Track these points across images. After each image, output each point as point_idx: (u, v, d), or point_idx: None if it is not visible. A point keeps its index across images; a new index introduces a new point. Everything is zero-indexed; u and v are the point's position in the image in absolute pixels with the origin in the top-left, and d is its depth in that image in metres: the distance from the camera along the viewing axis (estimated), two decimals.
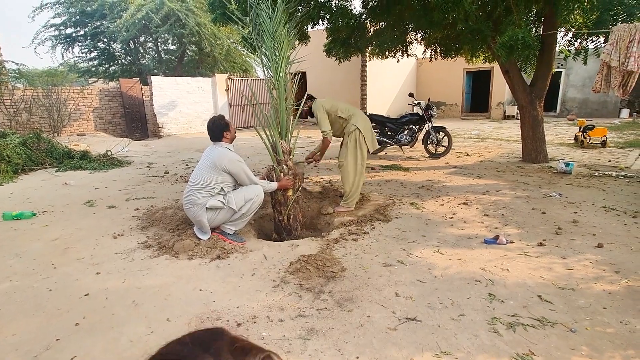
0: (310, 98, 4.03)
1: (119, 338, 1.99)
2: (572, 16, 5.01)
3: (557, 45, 6.05)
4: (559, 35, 5.94)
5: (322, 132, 3.87)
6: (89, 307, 2.29)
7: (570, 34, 5.79)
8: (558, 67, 14.03)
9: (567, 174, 5.37)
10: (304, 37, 6.97)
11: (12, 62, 10.43)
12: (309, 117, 4.06)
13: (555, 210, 3.87)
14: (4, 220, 3.88)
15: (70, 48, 14.60)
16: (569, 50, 6.04)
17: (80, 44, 14.71)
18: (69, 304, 2.33)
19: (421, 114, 7.00)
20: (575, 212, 3.78)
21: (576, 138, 8.08)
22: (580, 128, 7.97)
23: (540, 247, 3.00)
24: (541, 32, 5.70)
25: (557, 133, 10.12)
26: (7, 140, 6.40)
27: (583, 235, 3.21)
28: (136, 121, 12.01)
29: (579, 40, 5.77)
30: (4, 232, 3.55)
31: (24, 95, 9.57)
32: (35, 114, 9.78)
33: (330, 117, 3.94)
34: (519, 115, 7.45)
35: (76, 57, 15.29)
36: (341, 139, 4.16)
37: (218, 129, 3.14)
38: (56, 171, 6.37)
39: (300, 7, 6.08)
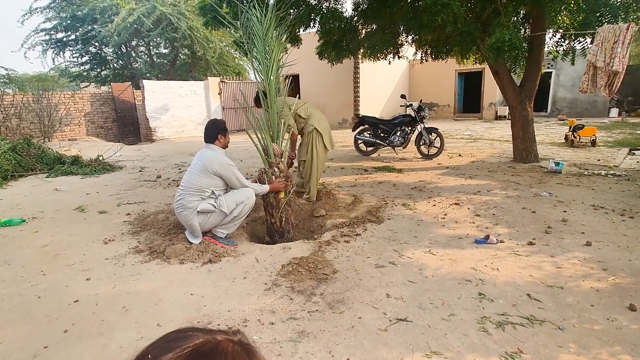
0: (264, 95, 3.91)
1: (108, 344, 1.97)
2: (559, 17, 5.08)
3: (546, 46, 6.13)
4: (547, 36, 6.02)
5: (287, 126, 3.93)
6: (78, 313, 2.27)
7: (558, 35, 5.88)
8: (548, 68, 14.19)
9: (557, 173, 5.43)
10: (295, 40, 6.99)
11: (1, 67, 10.34)
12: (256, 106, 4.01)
13: (545, 209, 3.92)
14: None
15: (61, 52, 14.49)
16: (557, 51, 6.12)
17: (71, 48, 14.60)
18: (58, 310, 2.31)
19: (413, 115, 7.05)
20: (565, 211, 3.83)
21: (566, 137, 8.18)
22: (570, 127, 8.07)
23: (530, 246, 3.03)
24: (529, 34, 5.77)
25: (548, 133, 10.24)
26: None
27: (572, 234, 3.25)
28: (128, 125, 11.94)
29: (566, 41, 5.85)
30: None
31: (13, 100, 9.47)
32: (26, 119, 9.69)
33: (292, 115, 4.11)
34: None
35: (67, 61, 15.17)
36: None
37: (214, 129, 3.14)
38: (47, 177, 6.31)
39: (291, 11, 6.10)
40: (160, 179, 6.06)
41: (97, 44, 14.50)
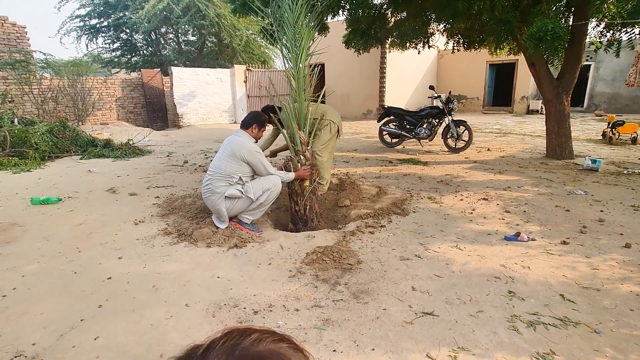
0: (273, 110, 3.78)
1: (139, 321, 2.04)
2: (605, 5, 4.77)
3: (588, 36, 5.79)
4: (590, 26, 5.68)
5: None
6: (111, 290, 2.37)
7: (603, 25, 5.53)
8: (587, 60, 13.46)
9: (594, 171, 5.18)
10: (323, 28, 6.91)
11: (40, 52, 10.76)
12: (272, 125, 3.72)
13: (580, 208, 3.75)
14: (32, 204, 4.03)
15: (94, 39, 14.95)
16: (600, 42, 5.76)
17: (103, 34, 15.03)
18: (92, 286, 2.41)
19: (441, 107, 6.86)
20: (602, 211, 3.65)
21: (604, 134, 7.77)
22: (609, 124, 7.65)
23: (563, 246, 2.91)
24: (571, 23, 5.46)
25: (584, 129, 9.76)
26: (35, 128, 6.64)
27: (609, 235, 3.09)
28: (157, 111, 12.23)
29: (611, 32, 5.50)
30: (33, 216, 3.70)
31: (50, 84, 9.86)
32: (61, 103, 10.08)
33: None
34: (543, 109, 7.18)
35: (100, 47, 15.66)
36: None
37: (254, 117, 3.21)
38: (80, 159, 6.57)
39: None
40: (187, 164, 6.19)
41: (128, 30, 14.86)
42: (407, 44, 7.70)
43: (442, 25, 7.35)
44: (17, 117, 7.39)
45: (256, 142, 3.24)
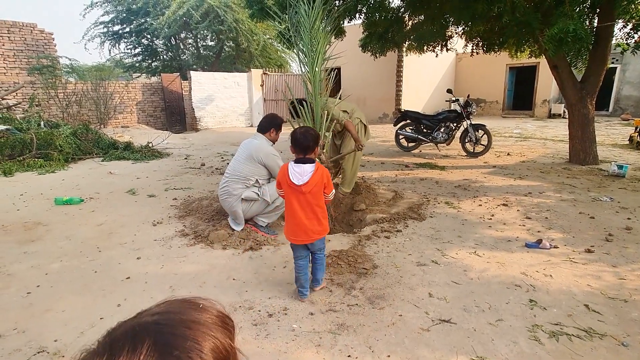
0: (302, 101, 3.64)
1: None
2: (633, 6, 4.61)
3: (614, 38, 5.61)
4: (616, 27, 5.49)
5: (341, 119, 3.78)
6: (130, 289, 2.41)
7: (630, 26, 5.34)
8: (612, 63, 13.04)
9: (620, 177, 4.99)
10: (339, 32, 6.92)
11: (66, 57, 11.13)
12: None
13: (606, 215, 3.61)
14: (56, 204, 4.16)
15: (117, 44, 15.36)
16: (627, 44, 5.57)
17: (126, 40, 15.44)
18: (112, 285, 2.46)
19: (459, 111, 6.75)
20: (629, 219, 3.51)
21: (631, 139, 7.49)
22: (636, 128, 7.38)
23: (587, 254, 2.80)
24: (596, 24, 5.30)
25: (609, 133, 9.43)
26: (60, 131, 6.87)
27: (638, 243, 2.97)
28: (175, 115, 12.47)
29: (639, 33, 5.31)
30: (56, 216, 3.81)
31: (75, 88, 10.19)
32: (85, 106, 10.39)
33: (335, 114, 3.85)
34: (566, 113, 6.98)
35: (122, 52, 16.08)
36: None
37: (271, 121, 3.22)
38: (102, 161, 6.76)
39: (337, 2, 6.03)
40: (204, 167, 6.28)
41: (149, 36, 15.23)
42: (425, 47, 7.63)
43: (460, 28, 7.25)
44: (43, 120, 7.66)
45: (273, 144, 3.25)
